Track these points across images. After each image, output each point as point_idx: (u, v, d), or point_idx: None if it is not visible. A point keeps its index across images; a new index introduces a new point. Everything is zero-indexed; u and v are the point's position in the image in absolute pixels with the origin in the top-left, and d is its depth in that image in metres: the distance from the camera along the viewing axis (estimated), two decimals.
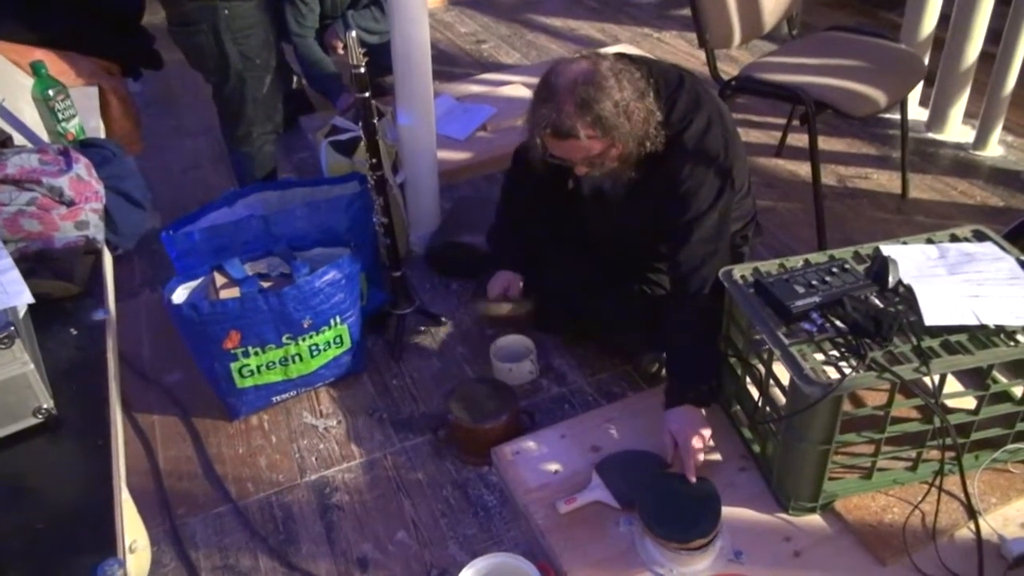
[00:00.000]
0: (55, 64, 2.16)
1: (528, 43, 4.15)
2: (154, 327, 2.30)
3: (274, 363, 1.91)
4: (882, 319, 1.43)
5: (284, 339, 1.87)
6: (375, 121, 1.95)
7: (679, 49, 3.97)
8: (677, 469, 1.62)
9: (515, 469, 1.74)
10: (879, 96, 2.21)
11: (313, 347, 1.93)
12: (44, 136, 2.00)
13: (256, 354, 1.87)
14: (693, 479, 1.57)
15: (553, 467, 1.74)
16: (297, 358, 1.92)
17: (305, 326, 1.88)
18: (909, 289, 1.52)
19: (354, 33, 1.83)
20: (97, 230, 1.61)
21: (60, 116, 1.96)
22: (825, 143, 2.97)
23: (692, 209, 1.69)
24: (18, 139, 1.91)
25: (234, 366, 1.87)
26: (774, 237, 2.49)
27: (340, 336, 1.97)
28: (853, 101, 2.19)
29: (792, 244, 2.47)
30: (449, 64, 3.87)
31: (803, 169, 2.85)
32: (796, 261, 1.65)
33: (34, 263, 1.47)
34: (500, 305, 2.04)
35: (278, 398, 2.00)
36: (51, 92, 1.94)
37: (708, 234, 1.70)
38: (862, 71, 2.31)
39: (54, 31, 2.38)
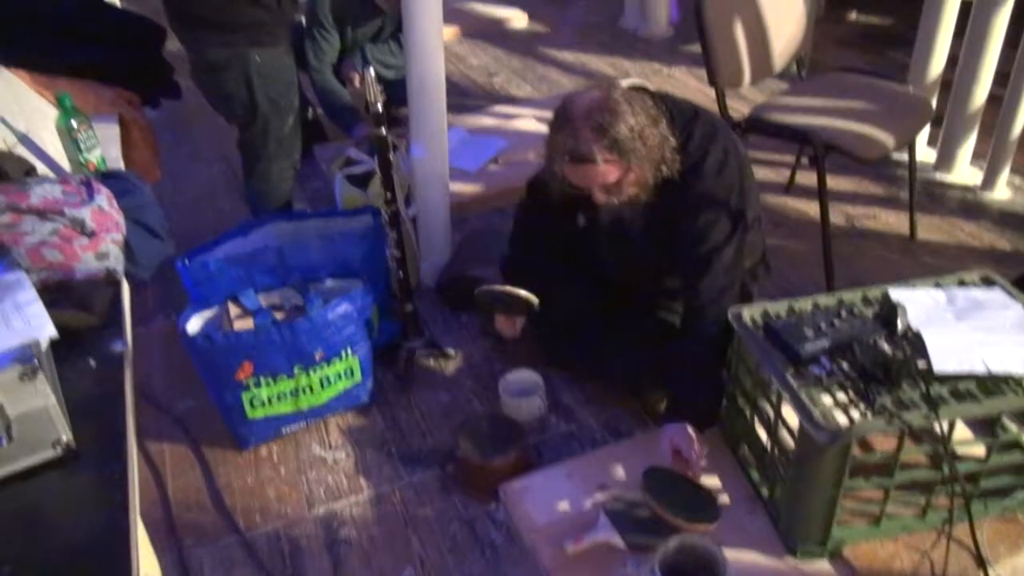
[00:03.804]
0: (77, 94, 2.19)
1: (540, 76, 4.20)
2: (166, 355, 2.32)
3: (285, 394, 1.92)
4: (891, 365, 1.44)
5: (295, 370, 1.89)
6: (390, 155, 1.98)
7: (689, 85, 4.01)
8: None
9: (522, 506, 1.75)
10: (887, 139, 2.24)
11: (324, 379, 1.94)
12: (66, 166, 2.03)
13: (267, 385, 1.88)
14: (700, 478, 1.65)
15: (560, 506, 1.74)
16: (308, 389, 1.94)
17: (317, 358, 1.89)
18: (918, 335, 1.53)
19: (372, 71, 1.86)
20: (117, 261, 1.62)
21: (82, 147, 1.99)
22: (833, 182, 2.98)
23: (711, 240, 1.71)
24: (41, 169, 1.94)
25: (245, 396, 1.88)
26: (782, 276, 2.51)
27: (351, 368, 1.98)
28: (862, 144, 2.22)
29: (800, 283, 2.48)
30: (461, 96, 3.92)
31: (811, 208, 2.87)
32: (805, 303, 1.66)
33: (55, 294, 1.48)
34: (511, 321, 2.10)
35: (287, 429, 2.01)
36: (74, 123, 1.97)
37: (727, 265, 1.72)
38: (870, 113, 2.34)
39: (77, 61, 2.42)
